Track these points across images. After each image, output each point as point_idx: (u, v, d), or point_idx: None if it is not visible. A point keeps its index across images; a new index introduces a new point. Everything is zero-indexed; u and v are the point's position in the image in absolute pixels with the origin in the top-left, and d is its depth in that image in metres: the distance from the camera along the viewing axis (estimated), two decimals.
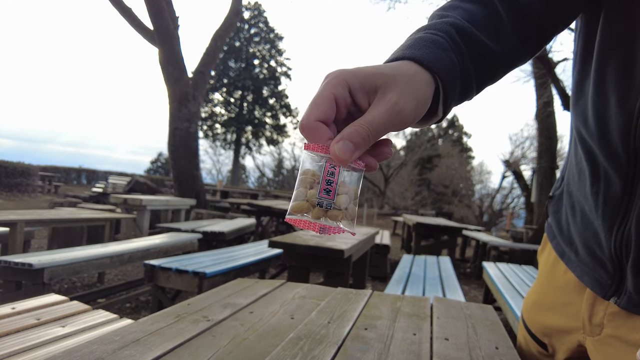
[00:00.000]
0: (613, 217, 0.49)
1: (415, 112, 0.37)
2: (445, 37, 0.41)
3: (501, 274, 3.63)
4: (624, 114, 0.45)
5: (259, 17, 29.87)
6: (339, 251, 2.37)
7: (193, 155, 8.21)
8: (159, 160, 32.31)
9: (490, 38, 0.44)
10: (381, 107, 0.35)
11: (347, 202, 0.34)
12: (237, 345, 0.73)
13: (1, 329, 1.12)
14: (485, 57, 0.43)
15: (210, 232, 4.63)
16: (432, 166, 26.92)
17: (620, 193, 0.48)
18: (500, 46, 0.45)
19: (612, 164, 0.48)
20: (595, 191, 0.52)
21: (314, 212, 0.33)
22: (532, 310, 0.70)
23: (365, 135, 0.34)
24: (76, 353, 0.64)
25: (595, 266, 0.55)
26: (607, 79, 0.47)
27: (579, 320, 0.58)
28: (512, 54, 0.47)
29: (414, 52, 0.39)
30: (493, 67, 0.46)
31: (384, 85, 0.36)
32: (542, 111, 9.24)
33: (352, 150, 0.33)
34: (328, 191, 0.33)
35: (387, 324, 0.92)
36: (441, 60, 0.39)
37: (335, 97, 0.35)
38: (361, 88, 0.36)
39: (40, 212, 4.15)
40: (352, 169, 0.35)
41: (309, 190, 0.34)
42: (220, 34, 8.86)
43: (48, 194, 13.21)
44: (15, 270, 2.34)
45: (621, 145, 0.47)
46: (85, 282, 3.85)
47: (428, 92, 0.38)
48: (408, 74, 0.37)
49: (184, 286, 2.68)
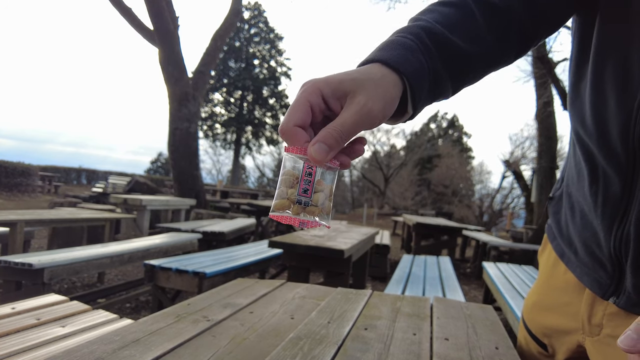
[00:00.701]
0: (612, 217, 0.49)
1: (383, 112, 0.40)
2: (415, 40, 0.43)
3: (501, 274, 3.64)
4: (623, 113, 0.46)
5: (259, 17, 29.87)
6: (339, 251, 2.37)
7: (193, 155, 8.21)
8: (159, 160, 32.32)
9: (463, 39, 0.46)
10: (351, 109, 0.38)
11: (323, 198, 0.38)
12: (237, 345, 0.73)
13: (1, 329, 1.12)
14: (457, 57, 0.46)
15: (210, 232, 4.63)
16: (432, 166, 26.93)
17: (620, 193, 0.48)
18: (476, 46, 0.47)
19: (611, 164, 0.48)
20: (594, 191, 0.52)
21: (294, 209, 0.37)
22: (533, 311, 0.70)
23: (337, 137, 0.37)
24: (76, 353, 0.64)
25: (594, 266, 0.55)
26: (605, 79, 0.48)
27: (578, 321, 0.58)
28: (489, 54, 0.49)
29: (384, 54, 0.42)
30: (468, 67, 0.47)
31: (353, 90, 0.39)
32: (542, 111, 9.23)
33: (327, 151, 0.37)
34: (306, 190, 0.37)
35: (387, 324, 0.92)
36: (408, 62, 0.42)
37: (310, 104, 0.39)
38: (333, 95, 0.39)
39: (40, 212, 4.15)
40: (327, 167, 0.38)
41: (289, 189, 0.38)
42: (220, 34, 8.86)
43: (48, 194, 13.21)
44: (15, 270, 2.34)
45: (620, 145, 0.47)
46: (85, 282, 3.85)
47: (395, 92, 0.41)
48: (375, 78, 0.40)
49: (184, 286, 2.68)
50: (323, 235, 2.94)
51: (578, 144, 0.55)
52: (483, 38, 0.47)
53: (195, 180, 8.21)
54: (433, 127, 31.23)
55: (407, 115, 0.45)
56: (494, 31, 0.48)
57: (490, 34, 0.48)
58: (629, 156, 0.46)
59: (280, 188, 0.38)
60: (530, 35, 0.51)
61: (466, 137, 30.92)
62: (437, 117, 31.40)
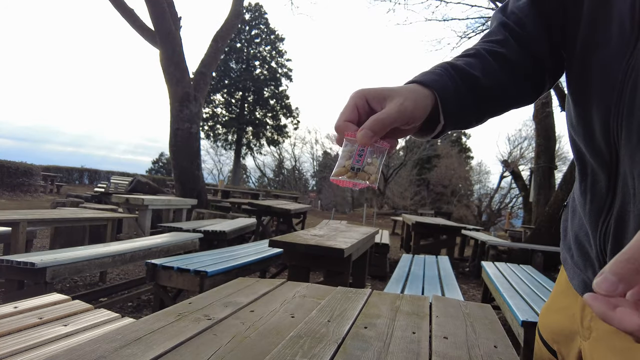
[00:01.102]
0: (599, 213, 0.50)
1: (414, 112, 0.50)
2: (441, 69, 0.55)
3: (500, 273, 3.64)
4: (602, 109, 0.48)
5: (260, 19, 29.86)
6: (339, 250, 2.38)
7: (194, 155, 8.22)
8: (160, 160, 32.34)
9: (482, 73, 0.55)
10: (391, 106, 0.49)
11: (372, 170, 0.49)
12: (238, 343, 0.74)
13: (4, 328, 1.13)
14: (478, 87, 0.55)
15: (211, 232, 4.64)
16: (431, 166, 26.90)
17: (605, 189, 0.49)
18: (493, 80, 0.56)
19: (597, 161, 0.50)
20: (584, 189, 0.54)
21: (349, 175, 0.48)
22: (543, 315, 0.71)
23: (380, 125, 0.48)
24: (78, 352, 0.64)
25: (585, 267, 0.56)
26: (585, 79, 0.52)
27: (576, 324, 0.59)
28: (507, 88, 0.58)
29: (417, 78, 0.54)
30: (488, 97, 0.57)
31: (392, 94, 0.50)
32: (541, 112, 9.21)
33: (371, 136, 0.47)
34: (358, 161, 0.48)
35: (387, 322, 0.93)
36: (436, 81, 0.53)
37: (357, 106, 0.50)
38: (375, 99, 0.50)
39: (42, 212, 4.16)
40: (376, 148, 0.49)
41: (346, 161, 0.49)
42: (222, 35, 8.86)
43: (50, 193, 13.22)
44: (17, 269, 2.35)
45: (603, 141, 0.48)
46: (87, 281, 3.86)
47: (426, 101, 0.51)
48: (409, 88, 0.51)
49: (185, 285, 2.69)
50: (323, 235, 2.94)
51: (572, 144, 0.57)
52: (498, 76, 0.56)
53: (196, 180, 8.22)
54: None
55: (439, 126, 0.54)
56: (506, 72, 0.57)
57: (504, 73, 0.57)
58: (611, 152, 0.47)
59: (340, 160, 0.50)
60: (540, 80, 0.60)
61: (465, 137, 30.85)
62: None
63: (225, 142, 30.06)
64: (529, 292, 2.92)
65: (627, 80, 0.44)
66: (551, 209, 6.64)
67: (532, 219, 9.47)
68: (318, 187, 31.62)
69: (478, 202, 24.97)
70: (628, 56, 0.44)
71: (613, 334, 0.50)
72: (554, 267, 5.67)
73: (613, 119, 0.46)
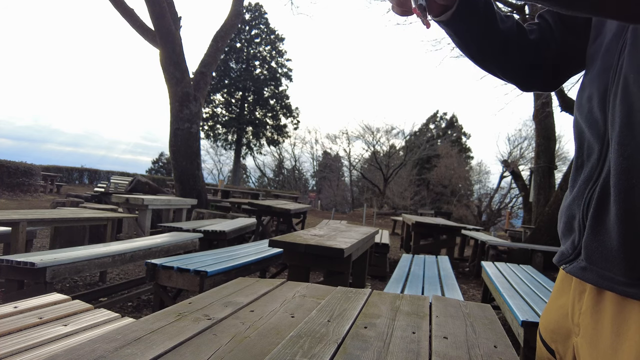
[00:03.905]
0: (587, 181, 0.55)
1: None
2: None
3: (500, 273, 3.64)
4: (603, 83, 0.54)
5: (260, 19, 29.86)
6: (339, 250, 2.38)
7: (194, 155, 8.22)
8: (160, 160, 32.34)
9: (500, 19, 0.67)
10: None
11: None
12: (238, 343, 0.74)
13: (4, 328, 1.13)
14: (493, 19, 0.66)
15: (211, 232, 4.64)
16: (431, 166, 26.90)
17: (597, 158, 0.53)
18: (505, 28, 0.68)
19: (592, 132, 0.55)
20: (580, 163, 0.58)
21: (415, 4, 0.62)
22: (543, 316, 0.72)
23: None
24: (78, 351, 0.64)
25: (565, 238, 0.59)
26: (592, 56, 0.60)
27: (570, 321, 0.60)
28: (509, 41, 0.68)
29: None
30: (496, 29, 0.67)
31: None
32: (541, 112, 9.21)
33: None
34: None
35: (387, 322, 0.93)
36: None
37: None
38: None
39: (42, 212, 4.16)
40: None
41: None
42: (222, 35, 8.86)
43: (50, 193, 13.23)
44: (17, 269, 2.35)
45: (599, 112, 0.54)
46: (87, 281, 3.86)
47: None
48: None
49: (185, 285, 2.69)
50: (323, 235, 2.94)
51: (574, 126, 0.62)
52: (513, 32, 0.69)
53: (196, 180, 8.22)
54: (432, 128, 31.19)
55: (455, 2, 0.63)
56: (520, 36, 0.70)
57: (516, 36, 0.69)
58: (606, 120, 0.52)
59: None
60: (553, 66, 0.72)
61: (465, 137, 30.87)
62: (436, 118, 31.37)
63: (225, 142, 30.07)
64: (529, 292, 2.93)
65: (619, 61, 0.52)
66: (551, 209, 6.64)
67: (532, 219, 9.47)
68: (318, 187, 31.64)
69: (478, 202, 24.97)
70: (621, 44, 0.52)
71: (592, 329, 0.53)
72: (554, 267, 5.67)
73: (609, 93, 0.52)
